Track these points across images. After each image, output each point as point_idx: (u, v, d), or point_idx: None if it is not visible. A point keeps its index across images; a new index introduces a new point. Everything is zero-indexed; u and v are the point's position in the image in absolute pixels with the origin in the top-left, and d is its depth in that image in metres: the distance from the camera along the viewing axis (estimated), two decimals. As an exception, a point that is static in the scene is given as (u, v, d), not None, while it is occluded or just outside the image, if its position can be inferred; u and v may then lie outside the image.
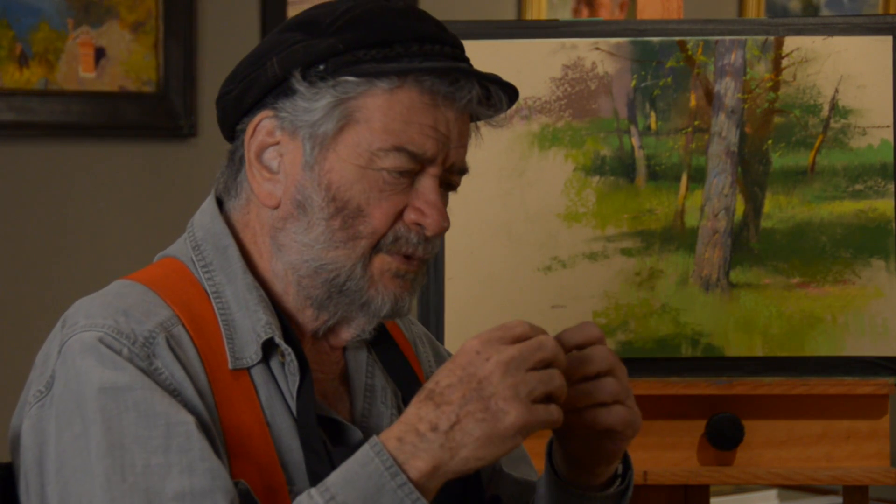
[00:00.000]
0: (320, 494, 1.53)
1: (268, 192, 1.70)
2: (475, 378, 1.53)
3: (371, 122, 1.66)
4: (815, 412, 2.44)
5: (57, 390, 1.60)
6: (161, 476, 1.54)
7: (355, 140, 1.67)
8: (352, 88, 1.66)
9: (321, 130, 1.67)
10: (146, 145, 3.81)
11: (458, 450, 1.53)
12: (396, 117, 1.66)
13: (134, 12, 3.75)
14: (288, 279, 1.71)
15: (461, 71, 1.67)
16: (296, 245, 1.69)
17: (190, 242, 1.73)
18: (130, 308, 1.63)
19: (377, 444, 1.54)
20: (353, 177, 1.67)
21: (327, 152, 1.67)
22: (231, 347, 1.66)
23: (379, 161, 1.66)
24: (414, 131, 1.66)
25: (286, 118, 1.69)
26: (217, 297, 1.69)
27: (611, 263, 2.44)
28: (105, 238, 3.76)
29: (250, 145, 1.71)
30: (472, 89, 1.68)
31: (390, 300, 1.69)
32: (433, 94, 1.67)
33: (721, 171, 2.45)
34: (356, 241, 1.67)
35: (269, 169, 1.71)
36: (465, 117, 1.71)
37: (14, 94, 3.64)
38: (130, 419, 1.56)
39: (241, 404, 1.64)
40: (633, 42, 2.45)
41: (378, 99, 1.67)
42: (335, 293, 1.69)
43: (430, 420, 1.53)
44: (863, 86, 2.44)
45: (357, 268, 1.68)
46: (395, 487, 1.52)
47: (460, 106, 1.68)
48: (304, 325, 1.73)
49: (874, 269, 2.44)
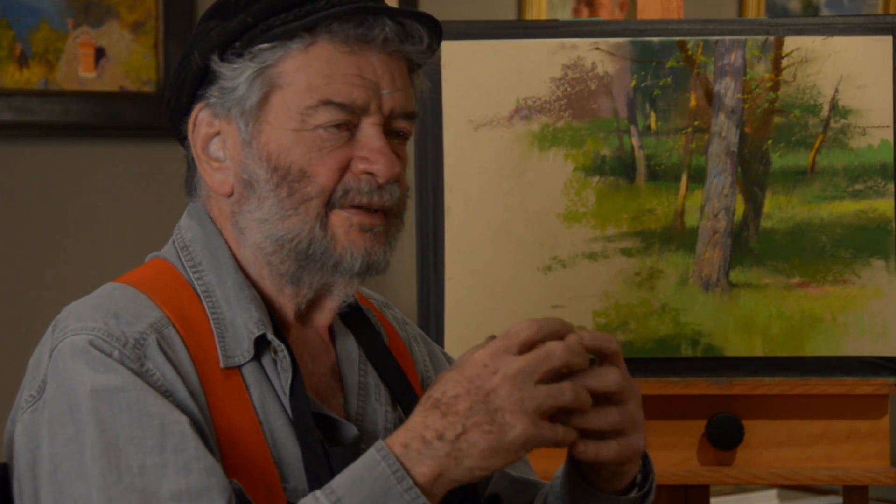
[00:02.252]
0: (326, 497, 1.53)
1: (220, 182, 1.71)
2: (482, 390, 1.53)
3: (294, 84, 1.67)
4: (815, 412, 2.44)
5: (49, 394, 1.60)
6: (157, 476, 1.54)
7: (283, 105, 1.67)
8: (268, 56, 1.67)
9: (248, 104, 1.68)
10: (146, 145, 3.81)
11: (462, 459, 1.53)
12: (317, 73, 1.66)
13: (134, 12, 3.75)
14: (259, 262, 1.71)
15: (366, 9, 1.66)
16: (254, 224, 1.69)
17: (178, 244, 1.74)
18: (121, 310, 1.63)
19: (383, 448, 1.54)
20: (289, 142, 1.67)
21: (261, 125, 1.68)
22: (222, 346, 1.66)
23: (311, 119, 1.66)
24: (338, 82, 1.66)
25: (216, 103, 1.70)
26: (207, 297, 1.69)
27: (611, 263, 2.44)
28: (105, 238, 3.76)
29: (195, 141, 1.72)
30: (385, 26, 1.67)
31: (360, 254, 1.68)
32: (346, 40, 1.66)
33: (721, 171, 2.45)
34: (306, 203, 1.67)
35: (216, 159, 1.72)
36: (397, 61, 1.70)
37: (14, 94, 3.64)
38: (124, 420, 1.56)
39: (234, 403, 1.64)
40: (633, 42, 2.45)
41: (295, 60, 1.67)
42: (303, 261, 1.69)
43: (437, 429, 1.53)
44: (863, 86, 2.44)
45: (315, 230, 1.67)
46: (401, 491, 1.52)
47: (378, 46, 1.67)
48: (287, 308, 1.73)
49: (874, 269, 2.44)
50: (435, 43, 1.72)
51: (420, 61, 1.74)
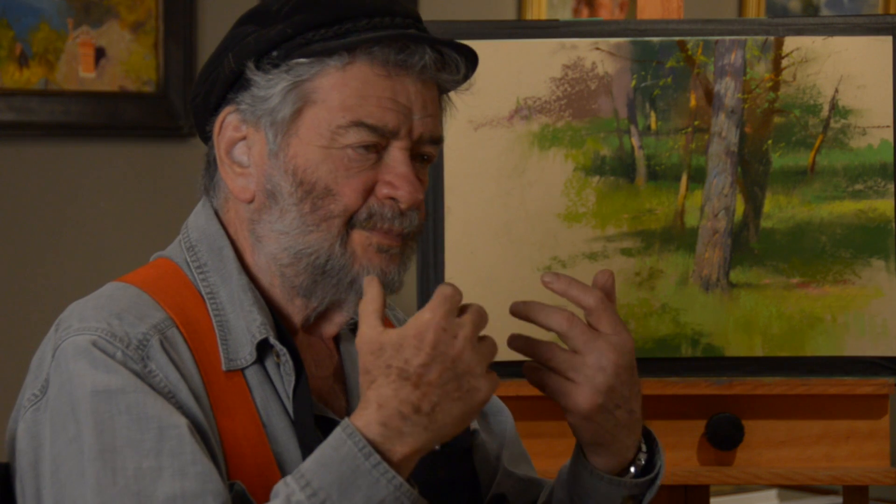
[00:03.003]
0: (295, 481, 1.53)
1: (241, 187, 1.71)
2: (448, 357, 1.54)
3: (328, 101, 1.67)
4: (815, 412, 2.44)
5: (51, 394, 1.60)
6: (152, 479, 1.54)
7: (315, 121, 1.67)
8: (305, 70, 1.67)
9: (280, 116, 1.67)
10: (146, 145, 3.81)
11: (438, 430, 1.54)
12: (352, 93, 1.66)
13: (134, 12, 3.75)
14: (272, 271, 1.71)
15: (409, 37, 1.67)
16: (273, 235, 1.69)
17: (184, 244, 1.74)
18: (124, 311, 1.63)
19: (349, 427, 1.53)
20: (317, 158, 1.67)
21: (290, 138, 1.68)
22: (225, 349, 1.66)
23: (341, 139, 1.66)
24: (371, 104, 1.66)
25: (247, 110, 1.69)
26: (211, 299, 1.69)
27: (611, 263, 2.43)
28: (105, 238, 3.76)
29: (219, 143, 1.72)
30: (424, 54, 1.67)
31: (377, 274, 1.68)
32: (384, 64, 1.66)
33: (721, 171, 2.45)
34: (329, 221, 1.67)
35: (239, 164, 1.71)
36: (430, 87, 1.71)
37: (14, 94, 3.64)
38: (123, 422, 1.56)
39: (237, 405, 1.64)
40: (633, 42, 2.45)
41: (332, 77, 1.67)
42: (319, 276, 1.69)
43: (412, 402, 1.53)
44: (863, 86, 2.44)
45: (335, 247, 1.67)
46: (369, 468, 1.51)
47: (416, 73, 1.68)
48: (294, 317, 1.73)
49: (874, 269, 2.44)
50: (470, 72, 1.73)
51: (452, 89, 1.74)
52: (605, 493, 1.75)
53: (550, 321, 1.70)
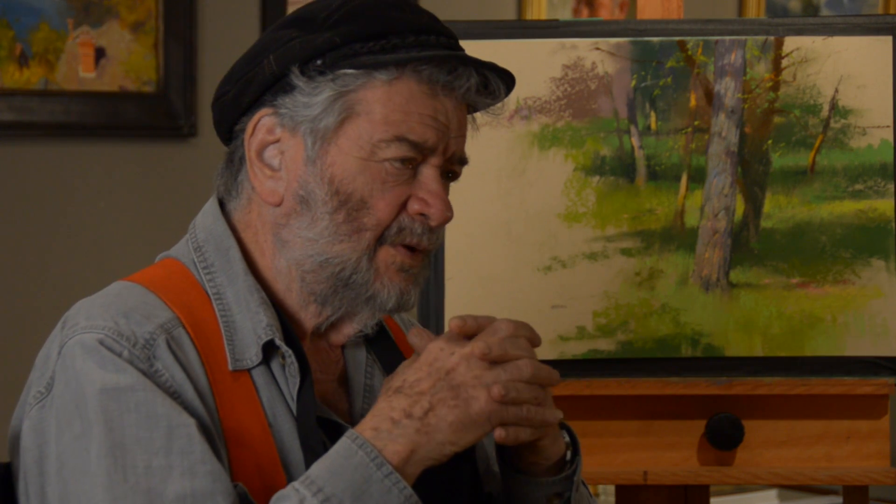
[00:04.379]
0: (306, 487, 1.54)
1: (270, 190, 1.70)
2: (442, 370, 1.60)
3: (371, 113, 1.67)
4: (815, 412, 2.44)
5: (57, 391, 1.60)
6: (162, 478, 1.55)
7: (356, 132, 1.67)
8: (351, 81, 1.67)
9: (322, 125, 1.67)
10: (146, 145, 3.81)
11: (434, 434, 1.57)
12: (396, 108, 1.67)
13: (134, 12, 3.75)
14: (292, 276, 1.71)
15: (459, 59, 1.68)
16: (300, 240, 1.69)
17: (192, 244, 1.73)
18: (131, 310, 1.63)
19: (358, 437, 1.57)
20: (355, 169, 1.67)
21: (329, 146, 1.68)
22: (231, 349, 1.66)
23: (381, 152, 1.67)
24: (414, 121, 1.67)
25: (286, 114, 1.69)
26: (218, 299, 1.69)
27: (611, 263, 2.43)
28: (105, 238, 3.76)
29: (251, 144, 1.71)
30: (471, 78, 1.69)
31: (396, 293, 1.70)
32: (431, 83, 1.67)
33: (721, 171, 2.45)
34: (361, 233, 1.68)
35: (270, 167, 1.71)
36: (463, 107, 1.72)
37: (14, 94, 3.64)
38: (132, 420, 1.56)
39: (242, 405, 1.65)
40: (633, 42, 2.45)
41: (377, 91, 1.67)
42: (341, 287, 1.70)
43: (403, 408, 1.58)
44: (863, 86, 2.44)
45: (363, 260, 1.68)
46: (381, 477, 1.55)
47: (459, 95, 1.69)
48: (306, 323, 1.73)
49: (874, 269, 2.44)
50: (506, 95, 1.74)
51: (483, 108, 1.75)
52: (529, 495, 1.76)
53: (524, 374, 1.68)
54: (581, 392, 2.39)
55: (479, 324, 1.65)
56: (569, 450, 1.77)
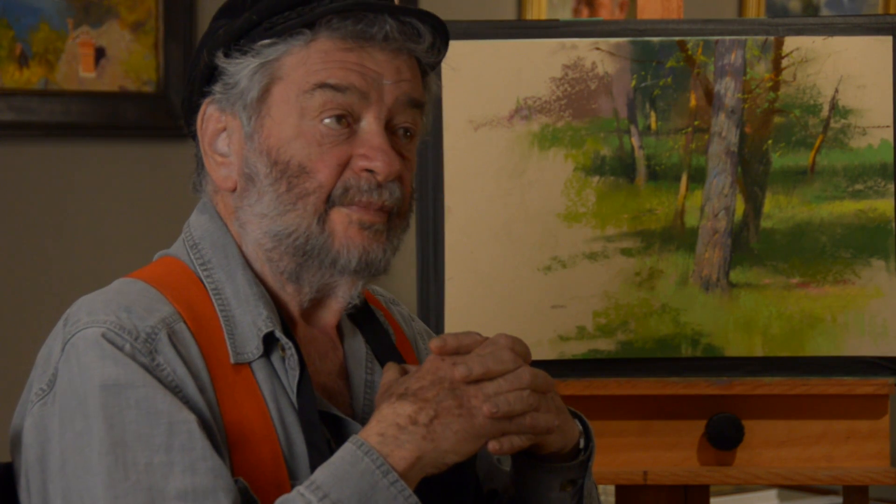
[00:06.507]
0: (312, 493, 1.54)
1: (224, 177, 1.72)
2: (446, 380, 1.60)
3: (293, 75, 1.68)
4: (815, 412, 2.44)
5: (60, 388, 1.61)
6: (163, 474, 1.55)
7: (283, 96, 1.68)
8: (270, 52, 1.68)
9: (250, 97, 1.69)
10: (146, 145, 3.81)
11: (439, 442, 1.58)
12: (316, 62, 1.68)
13: (134, 12, 3.75)
14: (260, 258, 1.72)
15: (364, 6, 1.67)
16: (254, 219, 1.70)
17: (187, 242, 1.74)
18: (132, 304, 1.63)
19: (364, 444, 1.57)
20: (290, 135, 1.67)
21: (263, 119, 1.69)
22: (232, 342, 1.67)
23: (308, 106, 1.66)
24: (335, 68, 1.67)
25: (221, 98, 1.71)
26: (217, 294, 1.70)
27: (611, 263, 2.43)
28: (105, 238, 3.76)
29: (203, 137, 1.73)
30: (385, 24, 1.67)
31: (358, 251, 1.68)
32: (346, 37, 1.67)
33: (721, 171, 2.45)
34: (305, 199, 1.67)
35: (221, 154, 1.73)
36: (405, 57, 1.71)
37: (14, 94, 3.64)
38: (132, 417, 1.57)
39: (244, 399, 1.65)
40: (633, 42, 2.45)
41: (296, 56, 1.68)
42: (301, 259, 1.69)
43: (409, 415, 1.58)
44: (863, 86, 2.44)
45: (313, 226, 1.68)
46: (387, 485, 1.55)
47: (380, 42, 1.68)
48: (290, 305, 1.73)
49: (874, 269, 2.44)
50: (439, 41, 1.73)
51: (428, 61, 1.74)
52: (543, 481, 1.76)
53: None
54: (581, 392, 2.39)
55: (460, 341, 1.65)
56: (581, 437, 1.77)
